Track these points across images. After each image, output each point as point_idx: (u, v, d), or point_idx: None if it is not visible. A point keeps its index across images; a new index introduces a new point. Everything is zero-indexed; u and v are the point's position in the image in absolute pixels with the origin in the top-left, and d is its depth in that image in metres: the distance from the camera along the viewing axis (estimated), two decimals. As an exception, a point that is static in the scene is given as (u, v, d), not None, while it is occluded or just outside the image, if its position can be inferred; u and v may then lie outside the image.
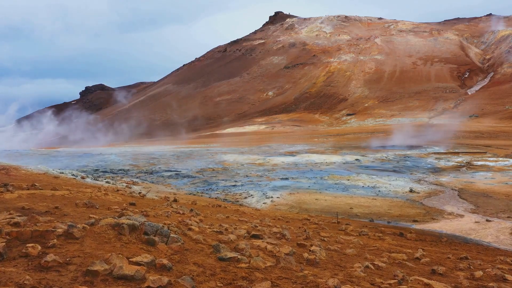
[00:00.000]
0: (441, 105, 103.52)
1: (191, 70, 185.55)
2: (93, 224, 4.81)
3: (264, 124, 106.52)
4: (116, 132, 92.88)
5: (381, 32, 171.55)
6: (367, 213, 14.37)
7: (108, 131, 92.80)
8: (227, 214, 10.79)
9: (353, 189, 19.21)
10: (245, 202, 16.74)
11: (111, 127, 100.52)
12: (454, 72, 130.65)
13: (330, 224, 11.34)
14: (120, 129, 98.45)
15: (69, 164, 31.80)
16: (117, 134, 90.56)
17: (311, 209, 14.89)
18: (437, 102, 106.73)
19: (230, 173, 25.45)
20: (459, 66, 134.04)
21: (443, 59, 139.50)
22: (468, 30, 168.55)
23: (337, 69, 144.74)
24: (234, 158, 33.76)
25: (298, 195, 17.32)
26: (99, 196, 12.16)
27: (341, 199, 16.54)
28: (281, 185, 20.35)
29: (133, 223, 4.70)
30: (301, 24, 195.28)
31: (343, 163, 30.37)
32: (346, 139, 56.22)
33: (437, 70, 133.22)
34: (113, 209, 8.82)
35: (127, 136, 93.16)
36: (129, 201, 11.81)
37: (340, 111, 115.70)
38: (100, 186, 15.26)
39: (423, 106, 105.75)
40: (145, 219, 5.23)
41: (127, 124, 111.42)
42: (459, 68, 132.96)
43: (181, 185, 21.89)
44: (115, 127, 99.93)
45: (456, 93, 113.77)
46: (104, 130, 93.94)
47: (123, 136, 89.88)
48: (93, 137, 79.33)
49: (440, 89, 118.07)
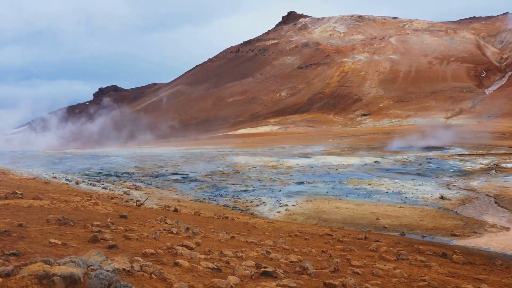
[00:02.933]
0: (458, 105, 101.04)
1: (204, 71, 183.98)
2: (9, 274, 3.04)
3: (277, 125, 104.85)
4: (127, 134, 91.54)
5: (396, 31, 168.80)
6: (396, 225, 12.51)
7: (119, 132, 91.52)
8: (233, 230, 9.01)
9: (376, 195, 17.32)
10: (256, 210, 14.95)
11: (123, 128, 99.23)
12: (471, 72, 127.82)
13: (357, 241, 9.52)
14: (131, 130, 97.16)
15: (72, 166, 30.27)
16: (128, 135, 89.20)
17: (331, 220, 13.06)
18: (454, 102, 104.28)
19: (241, 177, 23.66)
20: (476, 65, 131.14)
21: (460, 59, 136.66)
22: (485, 29, 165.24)
23: (351, 69, 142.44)
24: (246, 160, 31.99)
25: (316, 203, 15.47)
26: (85, 207, 10.45)
27: (365, 208, 14.66)
28: (296, 190, 18.51)
29: (71, 275, 2.94)
30: (314, 24, 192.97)
31: (361, 165, 28.47)
32: (362, 140, 54.22)
33: (454, 70, 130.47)
34: (91, 227, 7.08)
35: (138, 137, 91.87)
36: (120, 213, 10.08)
37: (355, 111, 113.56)
38: (93, 194, 13.55)
39: (440, 106, 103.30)
40: (97, 263, 3.43)
41: (138, 126, 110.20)
42: (476, 67, 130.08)
43: (187, 190, 20.16)
44: (127, 129, 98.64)
45: (473, 92, 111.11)
46: (116, 131, 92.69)
47: (134, 137, 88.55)
48: (103, 139, 78.07)
49: (457, 89, 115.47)
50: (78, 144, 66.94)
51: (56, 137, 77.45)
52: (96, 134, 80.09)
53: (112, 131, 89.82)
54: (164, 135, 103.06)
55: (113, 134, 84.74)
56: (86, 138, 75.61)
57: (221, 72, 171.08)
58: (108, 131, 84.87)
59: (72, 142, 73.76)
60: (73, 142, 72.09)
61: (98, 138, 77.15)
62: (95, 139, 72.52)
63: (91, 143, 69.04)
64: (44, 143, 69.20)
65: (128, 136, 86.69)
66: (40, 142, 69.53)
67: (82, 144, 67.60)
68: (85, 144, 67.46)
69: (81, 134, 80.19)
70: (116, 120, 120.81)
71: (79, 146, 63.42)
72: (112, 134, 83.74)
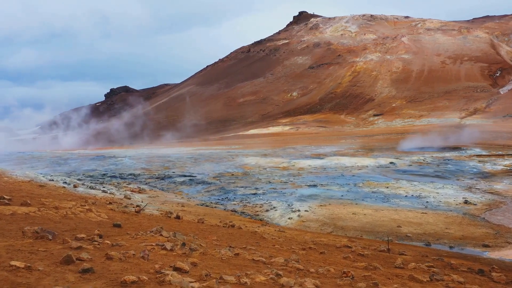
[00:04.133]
0: (472, 105, 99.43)
1: (214, 71, 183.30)
2: None
3: (289, 125, 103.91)
4: (137, 134, 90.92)
5: (408, 31, 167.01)
6: (420, 234, 11.36)
7: (130, 133, 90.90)
8: (240, 242, 7.94)
9: (395, 199, 16.15)
10: (266, 216, 13.85)
11: (133, 129, 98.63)
12: (485, 71, 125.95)
13: (379, 254, 8.40)
14: (141, 131, 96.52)
15: (77, 168, 29.40)
16: (138, 136, 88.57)
17: (348, 227, 11.93)
18: (468, 102, 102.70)
19: (251, 179, 22.57)
20: (490, 64, 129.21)
21: (473, 58, 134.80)
22: (499, 28, 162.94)
23: (363, 69, 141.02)
24: (256, 161, 30.91)
25: (331, 208, 14.33)
26: (76, 214, 9.42)
27: (384, 213, 13.50)
28: (309, 193, 17.40)
29: None
30: (325, 23, 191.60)
31: (376, 166, 27.28)
32: (375, 140, 52.95)
33: (467, 69, 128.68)
34: (72, 241, 6.03)
35: (148, 138, 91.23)
36: (114, 221, 9.05)
37: (367, 111, 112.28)
38: (89, 198, 12.52)
39: (454, 106, 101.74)
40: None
41: (149, 126, 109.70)
42: (490, 66, 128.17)
43: (193, 193, 19.12)
44: (137, 129, 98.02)
45: (487, 92, 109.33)
46: (126, 132, 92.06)
47: (144, 138, 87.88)
48: (114, 139, 77.48)
49: (470, 89, 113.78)
50: (88, 145, 66.22)
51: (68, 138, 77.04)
52: (106, 135, 79.46)
53: (122, 132, 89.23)
54: (174, 135, 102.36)
55: (123, 135, 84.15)
56: (96, 139, 74.86)
57: (232, 72, 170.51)
58: (118, 132, 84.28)
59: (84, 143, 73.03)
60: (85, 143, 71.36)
61: (108, 139, 76.50)
62: (106, 141, 71.76)
63: (101, 144, 68.29)
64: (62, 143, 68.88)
65: (138, 136, 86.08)
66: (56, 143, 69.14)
67: (92, 145, 66.86)
68: (95, 145, 66.73)
69: (91, 135, 79.51)
70: (127, 121, 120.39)
71: (88, 147, 62.74)
72: (122, 135, 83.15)
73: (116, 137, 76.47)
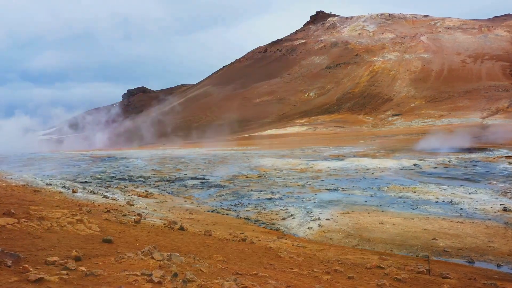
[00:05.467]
0: (494, 105, 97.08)
1: (231, 71, 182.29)
2: None
3: (306, 126, 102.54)
4: (153, 135, 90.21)
5: (427, 29, 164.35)
6: (460, 248, 9.87)
7: (145, 133, 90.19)
8: (251, 262, 6.58)
9: (425, 205, 14.63)
10: (283, 225, 12.45)
11: (150, 129, 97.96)
12: (507, 70, 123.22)
13: (419, 278, 6.98)
14: (157, 131, 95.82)
15: (86, 169, 28.30)
16: (154, 136, 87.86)
17: (376, 240, 10.49)
18: (489, 102, 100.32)
19: (267, 182, 21.18)
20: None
21: (494, 57, 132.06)
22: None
23: (381, 68, 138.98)
24: (273, 163, 29.52)
25: (355, 216, 12.86)
26: (63, 226, 8.12)
27: (415, 223, 11.99)
28: (329, 199, 15.96)
29: None
30: (343, 23, 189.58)
31: (399, 168, 25.73)
32: (395, 141, 51.28)
33: (488, 68, 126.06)
34: (33, 270, 4.73)
35: (164, 138, 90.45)
36: (106, 234, 7.76)
37: (385, 111, 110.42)
38: (86, 205, 11.22)
39: (475, 106, 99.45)
40: None
41: (165, 126, 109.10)
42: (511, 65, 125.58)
43: (204, 197, 17.80)
44: (153, 130, 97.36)
45: (509, 91, 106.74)
46: (141, 132, 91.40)
47: (159, 138, 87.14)
48: (128, 140, 76.73)
49: (492, 88, 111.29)
50: (104, 146, 65.49)
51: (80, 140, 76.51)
52: (121, 136, 78.75)
53: (137, 133, 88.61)
54: (190, 136, 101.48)
55: (138, 136, 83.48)
56: (112, 140, 74.10)
57: (248, 73, 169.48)
58: (133, 133, 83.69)
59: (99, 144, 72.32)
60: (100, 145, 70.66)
61: (122, 140, 75.74)
62: (120, 141, 70.96)
63: (116, 145, 67.48)
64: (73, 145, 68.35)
65: (154, 137, 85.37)
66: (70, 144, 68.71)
67: (107, 146, 66.11)
68: (110, 146, 65.93)
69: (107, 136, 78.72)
70: (142, 122, 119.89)
71: (104, 148, 61.95)
72: (137, 136, 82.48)
73: (130, 138, 75.66)
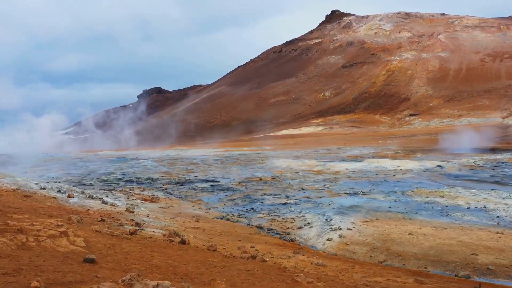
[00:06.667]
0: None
1: (246, 71, 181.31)
2: None
3: (321, 126, 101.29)
4: (168, 135, 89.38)
5: (445, 28, 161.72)
6: (506, 266, 8.46)
7: (160, 133, 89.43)
8: None
9: (456, 212, 13.19)
10: (299, 235, 11.14)
11: (165, 129, 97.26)
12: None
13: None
14: (172, 131, 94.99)
15: (94, 171, 27.26)
16: (169, 137, 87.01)
17: (406, 255, 9.12)
18: (510, 101, 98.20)
19: (281, 185, 19.87)
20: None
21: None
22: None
23: (398, 68, 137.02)
24: (288, 164, 28.21)
25: (379, 225, 11.48)
26: (40, 242, 6.87)
27: (449, 234, 10.57)
28: (349, 204, 14.59)
29: None
30: (359, 22, 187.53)
31: (422, 170, 24.27)
32: (414, 141, 49.70)
33: (508, 67, 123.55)
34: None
35: (178, 138, 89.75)
36: (92, 250, 6.53)
37: (403, 111, 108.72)
38: (78, 213, 9.98)
39: (494, 106, 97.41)
40: None
41: (180, 127, 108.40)
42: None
43: (214, 202, 16.55)
44: (168, 130, 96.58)
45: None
46: (156, 133, 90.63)
47: (174, 138, 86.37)
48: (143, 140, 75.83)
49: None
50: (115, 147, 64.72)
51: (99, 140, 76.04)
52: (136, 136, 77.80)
53: (150, 133, 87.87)
54: (205, 136, 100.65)
55: (151, 136, 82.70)
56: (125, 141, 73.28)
57: (263, 73, 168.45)
58: (145, 134, 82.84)
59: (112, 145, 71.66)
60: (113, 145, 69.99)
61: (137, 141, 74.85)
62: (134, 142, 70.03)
63: (130, 145, 66.62)
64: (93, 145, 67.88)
65: (168, 138, 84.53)
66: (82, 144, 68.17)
67: (121, 146, 65.31)
68: (123, 146, 65.12)
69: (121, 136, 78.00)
70: (156, 122, 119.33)
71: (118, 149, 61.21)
72: (149, 137, 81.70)
73: (143, 139, 74.74)
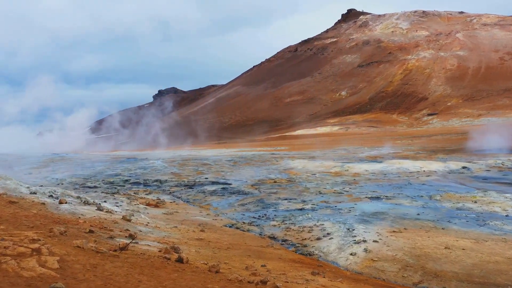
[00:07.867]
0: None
1: (261, 71, 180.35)
2: None
3: (337, 125, 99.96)
4: (182, 135, 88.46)
5: (463, 26, 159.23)
6: None
7: (174, 134, 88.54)
8: None
9: (493, 220, 11.69)
10: (317, 248, 9.75)
11: (179, 130, 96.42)
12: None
13: None
14: (187, 132, 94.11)
15: (101, 172, 26.13)
16: (183, 137, 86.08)
17: (446, 275, 7.69)
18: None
19: (297, 188, 18.50)
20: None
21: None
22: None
23: (415, 67, 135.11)
24: (304, 165, 26.82)
25: (409, 236, 10.01)
26: (1, 264, 5.67)
27: (491, 248, 9.09)
28: (372, 210, 13.15)
29: None
30: (375, 21, 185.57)
31: (447, 172, 22.73)
32: (434, 141, 48.03)
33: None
34: None
35: (194, 139, 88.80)
36: (66, 274, 5.20)
37: (420, 110, 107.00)
38: (65, 222, 8.67)
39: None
40: None
41: (195, 127, 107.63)
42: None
43: (224, 206, 15.23)
44: (183, 130, 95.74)
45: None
46: (170, 133, 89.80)
47: (189, 139, 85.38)
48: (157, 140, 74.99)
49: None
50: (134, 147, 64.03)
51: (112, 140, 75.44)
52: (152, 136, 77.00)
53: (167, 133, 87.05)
54: (220, 136, 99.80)
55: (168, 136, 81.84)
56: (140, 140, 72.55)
57: (278, 72, 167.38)
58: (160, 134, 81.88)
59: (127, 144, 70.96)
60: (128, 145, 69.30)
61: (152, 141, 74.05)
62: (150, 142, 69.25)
63: (145, 145, 65.84)
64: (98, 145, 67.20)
65: (183, 138, 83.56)
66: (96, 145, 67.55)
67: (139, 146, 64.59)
68: (140, 146, 64.35)
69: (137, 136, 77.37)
70: (172, 123, 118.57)
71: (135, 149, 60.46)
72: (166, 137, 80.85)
73: (157, 139, 73.83)
